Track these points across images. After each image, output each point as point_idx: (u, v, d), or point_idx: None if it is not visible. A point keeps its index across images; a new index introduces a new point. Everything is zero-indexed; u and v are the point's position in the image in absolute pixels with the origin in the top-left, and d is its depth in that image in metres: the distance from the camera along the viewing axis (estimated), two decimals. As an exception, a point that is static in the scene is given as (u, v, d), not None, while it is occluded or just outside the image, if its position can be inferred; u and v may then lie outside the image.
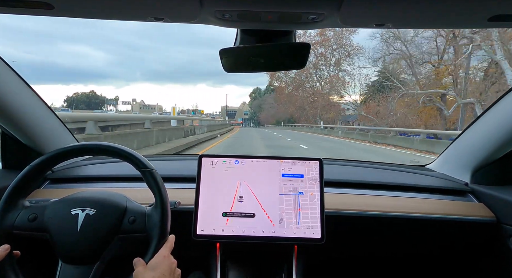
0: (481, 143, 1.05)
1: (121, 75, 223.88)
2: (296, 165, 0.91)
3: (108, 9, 0.57)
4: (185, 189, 1.04)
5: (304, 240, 0.86)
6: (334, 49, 30.22)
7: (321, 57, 31.32)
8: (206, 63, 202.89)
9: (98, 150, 0.77)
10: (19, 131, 1.01)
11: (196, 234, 0.85)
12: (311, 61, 30.07)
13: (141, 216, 0.73)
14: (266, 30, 0.69)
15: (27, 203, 0.73)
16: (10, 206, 0.70)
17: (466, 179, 1.15)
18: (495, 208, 1.01)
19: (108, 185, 1.08)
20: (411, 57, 19.89)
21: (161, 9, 0.57)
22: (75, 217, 0.70)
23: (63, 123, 1.18)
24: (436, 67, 19.35)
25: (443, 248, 1.08)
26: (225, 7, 0.55)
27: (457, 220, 0.99)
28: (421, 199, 1.08)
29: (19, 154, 1.07)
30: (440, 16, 0.58)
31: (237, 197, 0.88)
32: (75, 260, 0.69)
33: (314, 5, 0.54)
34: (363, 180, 1.16)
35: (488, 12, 0.54)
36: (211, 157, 0.92)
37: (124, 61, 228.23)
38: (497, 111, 0.99)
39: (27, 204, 0.73)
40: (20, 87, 0.94)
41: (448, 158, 1.27)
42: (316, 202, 0.88)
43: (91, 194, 0.75)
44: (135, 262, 0.65)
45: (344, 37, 28.86)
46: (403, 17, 0.59)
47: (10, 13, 0.58)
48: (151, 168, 0.75)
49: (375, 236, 1.05)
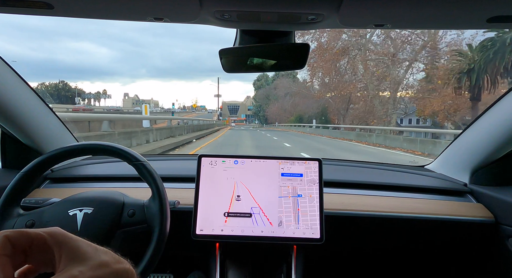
0: (480, 143, 1.05)
1: (126, 72, 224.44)
2: (295, 165, 0.91)
3: (108, 9, 0.57)
4: (184, 189, 1.04)
5: (303, 240, 0.86)
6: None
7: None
8: (210, 59, 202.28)
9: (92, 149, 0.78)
10: (19, 130, 1.01)
11: (195, 234, 0.85)
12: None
13: (140, 208, 0.74)
14: (265, 31, 0.69)
15: (21, 211, 0.73)
16: (5, 215, 0.70)
17: (465, 180, 1.16)
18: (494, 208, 1.01)
19: (107, 184, 1.08)
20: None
21: (161, 9, 0.57)
22: (74, 217, 0.70)
23: (63, 123, 1.18)
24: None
25: (441, 248, 1.08)
26: (224, 7, 0.55)
27: (456, 221, 1.00)
28: (420, 199, 1.08)
29: (19, 154, 1.07)
30: (439, 16, 0.58)
31: (235, 197, 0.89)
32: None
33: (313, 5, 0.54)
34: (362, 180, 1.16)
35: (487, 13, 0.54)
36: (211, 157, 0.92)
37: (129, 58, 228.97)
38: (497, 112, 0.99)
39: (22, 212, 0.72)
40: (19, 87, 0.94)
41: (447, 158, 1.27)
42: (315, 204, 0.88)
43: (87, 194, 0.76)
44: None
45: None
46: (402, 18, 0.59)
47: (9, 13, 0.58)
48: (143, 160, 0.75)
49: (373, 237, 1.05)
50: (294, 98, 36.71)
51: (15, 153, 1.08)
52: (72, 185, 1.10)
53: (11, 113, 0.93)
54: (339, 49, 23.18)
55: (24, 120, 0.98)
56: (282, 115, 42.11)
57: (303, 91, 33.53)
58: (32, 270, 0.34)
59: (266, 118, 51.43)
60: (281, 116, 42.46)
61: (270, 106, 47.19)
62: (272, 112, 46.01)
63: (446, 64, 19.79)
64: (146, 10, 0.57)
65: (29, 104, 0.99)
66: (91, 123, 8.70)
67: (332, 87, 25.50)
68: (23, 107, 0.96)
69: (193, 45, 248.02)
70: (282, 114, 42.11)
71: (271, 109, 46.08)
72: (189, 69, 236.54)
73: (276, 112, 44.02)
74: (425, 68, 21.10)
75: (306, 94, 32.69)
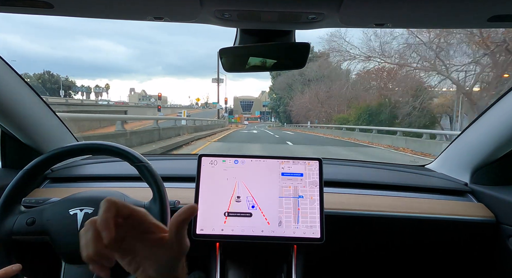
0: (481, 143, 1.05)
1: (143, 70, 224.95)
2: (295, 164, 0.91)
3: (107, 8, 0.57)
4: (184, 188, 1.04)
5: (303, 240, 0.86)
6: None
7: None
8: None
9: (94, 149, 0.78)
10: (19, 130, 1.01)
11: (195, 234, 0.85)
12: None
13: None
14: (266, 30, 0.69)
15: (23, 208, 0.73)
16: (7, 212, 0.70)
17: (465, 179, 1.15)
18: (495, 208, 1.01)
19: (108, 184, 1.08)
20: None
21: (161, 9, 0.57)
22: (74, 216, 0.70)
23: (63, 122, 1.18)
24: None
25: (441, 248, 1.08)
26: (225, 6, 0.55)
27: (456, 220, 0.99)
28: (420, 199, 1.08)
29: (19, 153, 1.07)
30: (440, 16, 0.58)
31: (235, 197, 0.88)
32: (78, 260, 0.69)
33: (313, 5, 0.54)
34: (362, 180, 1.16)
35: (488, 12, 0.54)
36: (211, 156, 0.92)
37: (145, 56, 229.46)
38: (497, 111, 0.99)
39: (23, 209, 0.73)
40: (19, 86, 0.94)
41: (447, 158, 1.27)
42: (316, 206, 0.88)
43: (88, 194, 0.76)
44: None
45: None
46: (402, 17, 0.59)
47: (9, 12, 0.58)
48: (145, 162, 0.75)
49: (374, 236, 1.05)
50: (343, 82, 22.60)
51: (15, 153, 1.08)
52: (72, 184, 1.10)
53: (11, 112, 0.93)
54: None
55: (24, 120, 0.98)
56: (317, 109, 26.95)
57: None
58: (119, 239, 0.38)
59: (288, 115, 35.54)
60: (316, 110, 27.10)
61: (295, 98, 31.40)
62: (299, 105, 29.76)
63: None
64: (146, 10, 0.57)
65: (29, 104, 0.99)
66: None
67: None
68: (22, 107, 0.96)
69: (206, 42, 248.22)
70: (317, 108, 26.95)
71: (298, 101, 30.19)
72: (202, 66, 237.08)
73: (305, 105, 28.39)
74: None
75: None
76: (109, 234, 0.35)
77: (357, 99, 22.26)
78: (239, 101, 72.59)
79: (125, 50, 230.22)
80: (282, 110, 38.50)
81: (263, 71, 0.76)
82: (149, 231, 0.41)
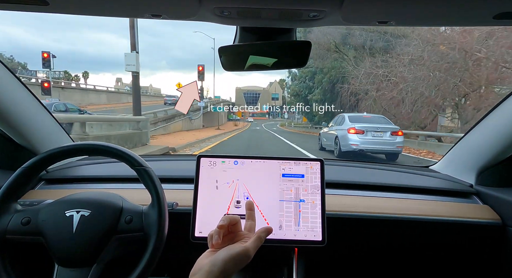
0: (487, 143, 1.03)
1: (146, 64, 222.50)
2: (297, 165, 0.90)
3: (104, 5, 0.55)
4: (183, 190, 1.02)
5: (304, 242, 0.84)
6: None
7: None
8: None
9: (92, 150, 0.76)
10: (13, 130, 0.99)
11: (194, 236, 0.84)
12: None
13: (138, 215, 0.72)
14: (266, 28, 0.67)
15: (19, 207, 0.71)
16: (2, 210, 0.68)
17: (471, 181, 1.13)
18: (501, 210, 0.99)
19: (104, 185, 1.07)
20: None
21: (159, 6, 0.55)
22: (70, 218, 0.68)
23: (58, 123, 1.16)
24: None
25: (446, 251, 1.06)
26: (224, 4, 0.54)
27: (462, 223, 0.97)
28: (425, 201, 1.06)
29: (13, 154, 1.06)
30: (444, 13, 0.56)
31: (235, 199, 0.87)
32: (71, 263, 0.67)
33: (315, 2, 0.52)
34: (365, 181, 1.14)
35: (494, 9, 0.52)
36: (210, 157, 0.90)
37: (148, 49, 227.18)
38: (503, 110, 0.97)
39: (19, 207, 0.71)
40: (14, 86, 0.93)
41: (452, 159, 1.25)
42: (317, 210, 0.86)
43: (85, 195, 0.74)
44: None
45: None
46: (406, 15, 0.57)
47: (4, 10, 0.57)
48: (146, 166, 0.73)
49: (377, 239, 1.03)
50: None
51: (9, 153, 1.06)
52: (68, 186, 1.08)
53: (4, 112, 0.92)
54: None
55: (18, 119, 0.97)
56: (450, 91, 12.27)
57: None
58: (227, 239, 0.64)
59: (342, 104, 18.00)
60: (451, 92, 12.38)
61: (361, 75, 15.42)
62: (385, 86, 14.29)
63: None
64: (144, 7, 0.56)
65: (23, 103, 0.98)
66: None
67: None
68: (17, 106, 0.95)
69: (212, 35, 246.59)
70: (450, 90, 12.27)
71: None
72: (209, 60, 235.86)
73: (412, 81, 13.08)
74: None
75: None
76: (220, 238, 0.62)
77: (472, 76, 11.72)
78: (242, 92, 56.88)
79: (128, 43, 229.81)
80: (319, 95, 20.12)
81: (264, 70, 0.75)
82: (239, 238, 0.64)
